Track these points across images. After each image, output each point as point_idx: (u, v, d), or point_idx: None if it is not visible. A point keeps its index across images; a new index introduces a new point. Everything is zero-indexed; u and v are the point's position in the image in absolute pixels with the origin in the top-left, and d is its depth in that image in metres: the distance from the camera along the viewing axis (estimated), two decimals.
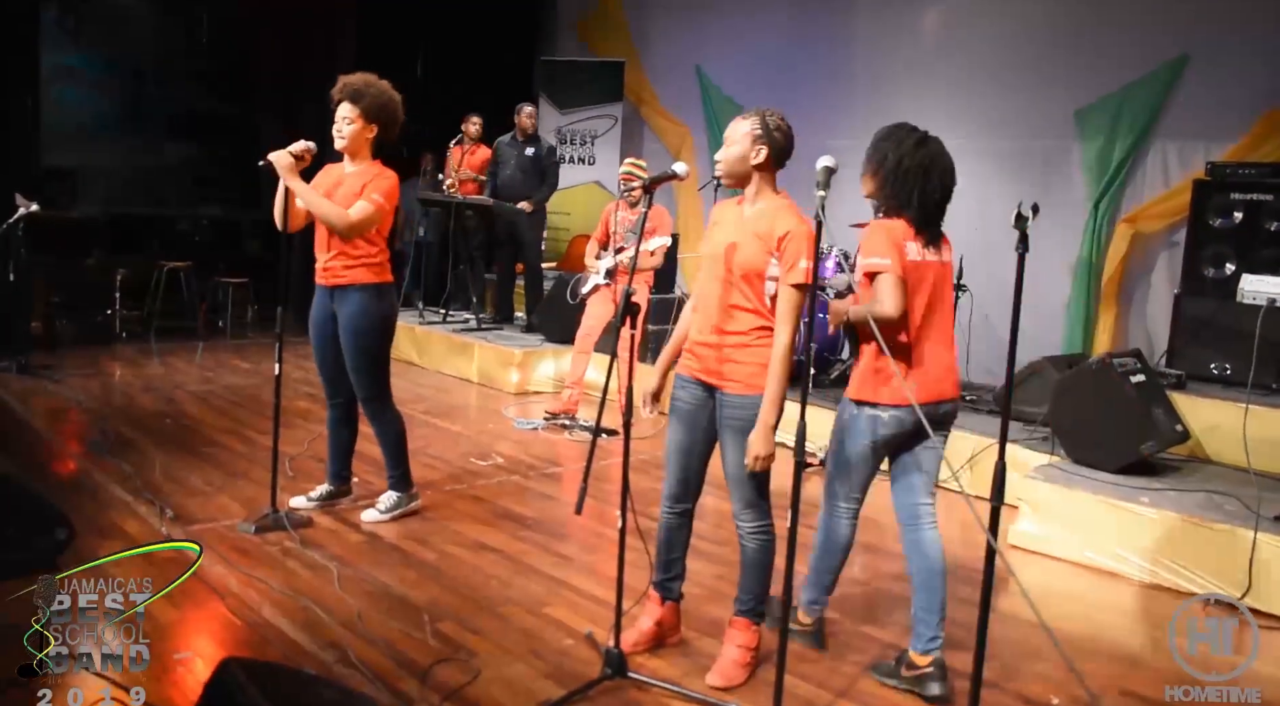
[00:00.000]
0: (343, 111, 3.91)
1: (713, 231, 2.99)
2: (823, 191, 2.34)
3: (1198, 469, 4.76)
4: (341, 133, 3.93)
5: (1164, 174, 6.61)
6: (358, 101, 3.90)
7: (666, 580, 3.15)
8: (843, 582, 3.86)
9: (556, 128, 9.98)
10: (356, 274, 3.97)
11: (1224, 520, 3.90)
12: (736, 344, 2.83)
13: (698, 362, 2.93)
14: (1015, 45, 7.13)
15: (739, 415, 2.82)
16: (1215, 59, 6.20)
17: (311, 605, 3.27)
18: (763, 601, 3.00)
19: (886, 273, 2.84)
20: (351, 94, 3.90)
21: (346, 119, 3.91)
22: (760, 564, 2.94)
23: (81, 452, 5.02)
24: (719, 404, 2.88)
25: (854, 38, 8.19)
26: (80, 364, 7.04)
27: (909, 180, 2.94)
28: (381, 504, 4.18)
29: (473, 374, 7.31)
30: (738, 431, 2.82)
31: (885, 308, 2.81)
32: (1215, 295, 5.49)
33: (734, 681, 2.93)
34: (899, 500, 3.09)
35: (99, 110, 8.82)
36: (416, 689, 2.79)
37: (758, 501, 2.89)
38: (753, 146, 2.84)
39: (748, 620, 2.99)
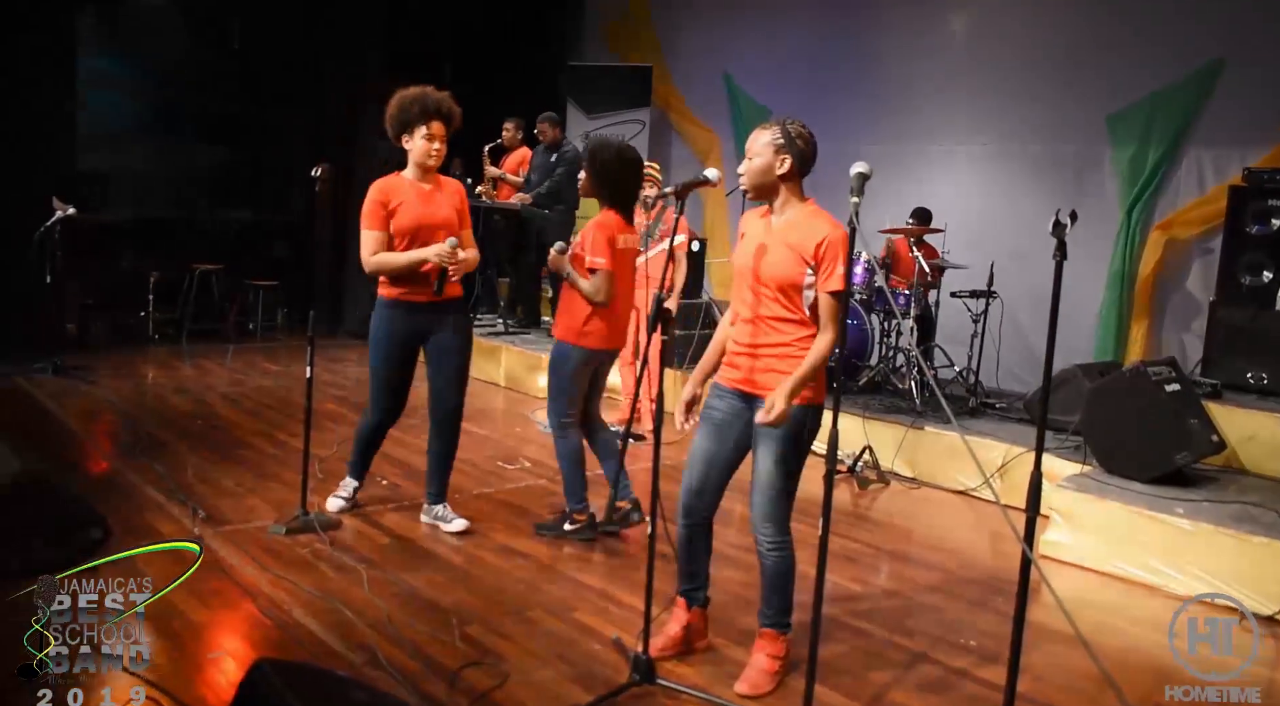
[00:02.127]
0: (439, 130, 3.88)
1: (743, 243, 2.97)
2: (857, 198, 2.32)
3: (1234, 480, 4.68)
4: (440, 152, 3.92)
5: (1199, 180, 6.52)
6: (449, 123, 3.92)
7: (691, 589, 3.15)
8: (872, 591, 3.86)
9: (584, 133, 10.00)
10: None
11: (1261, 533, 3.84)
12: (776, 355, 2.83)
13: (738, 373, 2.92)
14: (1046, 49, 7.07)
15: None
16: (1252, 63, 6.11)
17: (341, 607, 3.28)
18: (788, 613, 2.97)
19: (601, 270, 3.84)
20: (449, 115, 3.91)
21: (443, 138, 3.91)
22: (781, 577, 2.92)
23: (115, 453, 5.08)
24: (759, 411, 2.86)
25: (883, 43, 8.15)
26: (113, 365, 7.13)
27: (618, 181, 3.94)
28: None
29: (500, 377, 7.34)
30: (774, 439, 2.80)
31: (599, 298, 3.89)
32: (1252, 303, 5.41)
33: (762, 690, 2.92)
34: (592, 407, 4.21)
35: (133, 114, 8.93)
36: (445, 691, 2.80)
37: (779, 516, 2.86)
38: (776, 157, 2.82)
39: (775, 631, 2.98)
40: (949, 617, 3.61)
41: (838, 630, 3.40)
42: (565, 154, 7.77)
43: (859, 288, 6.36)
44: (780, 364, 2.81)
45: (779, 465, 2.81)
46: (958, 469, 5.24)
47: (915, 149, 7.83)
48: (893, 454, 5.44)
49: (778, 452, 2.80)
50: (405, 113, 3.85)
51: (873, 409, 5.73)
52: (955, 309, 6.36)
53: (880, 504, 5.09)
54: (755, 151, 2.84)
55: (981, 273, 6.09)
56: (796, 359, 2.77)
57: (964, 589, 3.92)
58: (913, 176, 7.62)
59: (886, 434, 5.49)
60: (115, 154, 8.73)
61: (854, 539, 4.42)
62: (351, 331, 9.03)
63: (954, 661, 3.23)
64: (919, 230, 6.52)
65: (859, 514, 4.89)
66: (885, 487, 5.32)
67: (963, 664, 3.21)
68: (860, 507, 5.00)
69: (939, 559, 4.27)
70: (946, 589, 3.91)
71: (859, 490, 5.22)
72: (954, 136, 7.71)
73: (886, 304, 6.29)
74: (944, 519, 4.91)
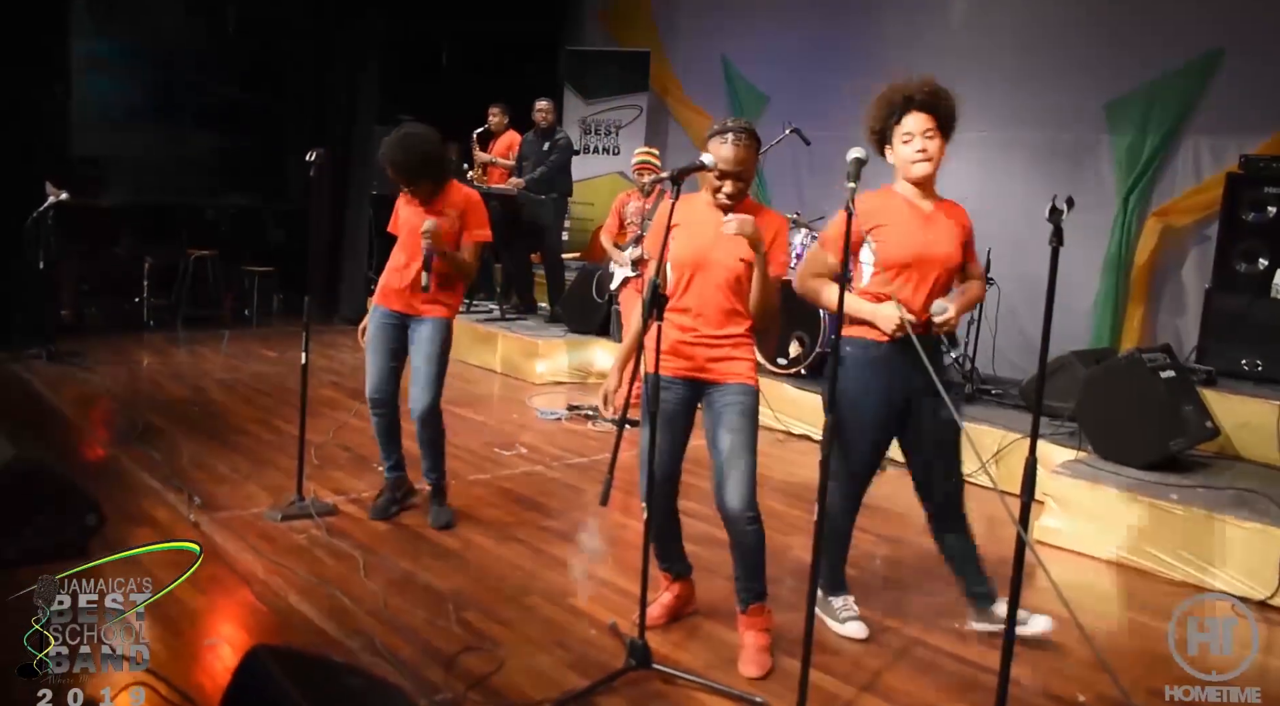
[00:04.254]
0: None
1: (690, 233, 2.93)
2: (853, 183, 2.32)
3: (1228, 466, 4.69)
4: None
5: (1196, 167, 6.51)
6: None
7: (670, 566, 3.25)
8: (865, 575, 3.87)
9: (581, 118, 9.98)
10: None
11: (1254, 518, 3.85)
12: (737, 343, 2.95)
13: (687, 362, 2.95)
14: (1045, 35, 7.04)
15: (740, 399, 2.92)
16: (1250, 52, 6.09)
17: (338, 593, 3.29)
18: (765, 581, 3.03)
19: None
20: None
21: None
22: (761, 549, 2.97)
23: (110, 439, 5.08)
24: (716, 395, 2.95)
25: (881, 29, 8.11)
26: (109, 351, 7.11)
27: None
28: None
29: (496, 364, 7.33)
30: (742, 416, 2.89)
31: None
32: (1247, 290, 5.41)
33: (768, 667, 2.95)
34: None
35: (127, 99, 8.88)
36: (442, 677, 2.80)
37: (753, 492, 2.90)
38: (755, 162, 2.96)
39: (760, 604, 3.03)
40: (944, 602, 3.62)
41: None
42: (559, 141, 7.75)
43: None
44: (737, 352, 2.93)
45: (750, 449, 2.89)
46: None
47: None
48: None
49: (749, 436, 2.89)
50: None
51: None
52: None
53: (876, 489, 5.05)
54: (743, 160, 2.89)
55: (979, 258, 6.08)
56: (748, 347, 2.96)
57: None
58: None
59: None
60: (110, 139, 8.68)
61: None
62: (347, 318, 9.01)
63: (948, 645, 3.25)
64: None
65: None
66: (881, 473, 5.28)
67: (957, 647, 3.23)
68: None
69: (934, 544, 4.27)
70: (941, 573, 3.91)
71: None
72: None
73: None
74: None
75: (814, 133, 6.35)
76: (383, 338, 3.99)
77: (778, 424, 5.89)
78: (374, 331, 4.01)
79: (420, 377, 3.91)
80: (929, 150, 2.91)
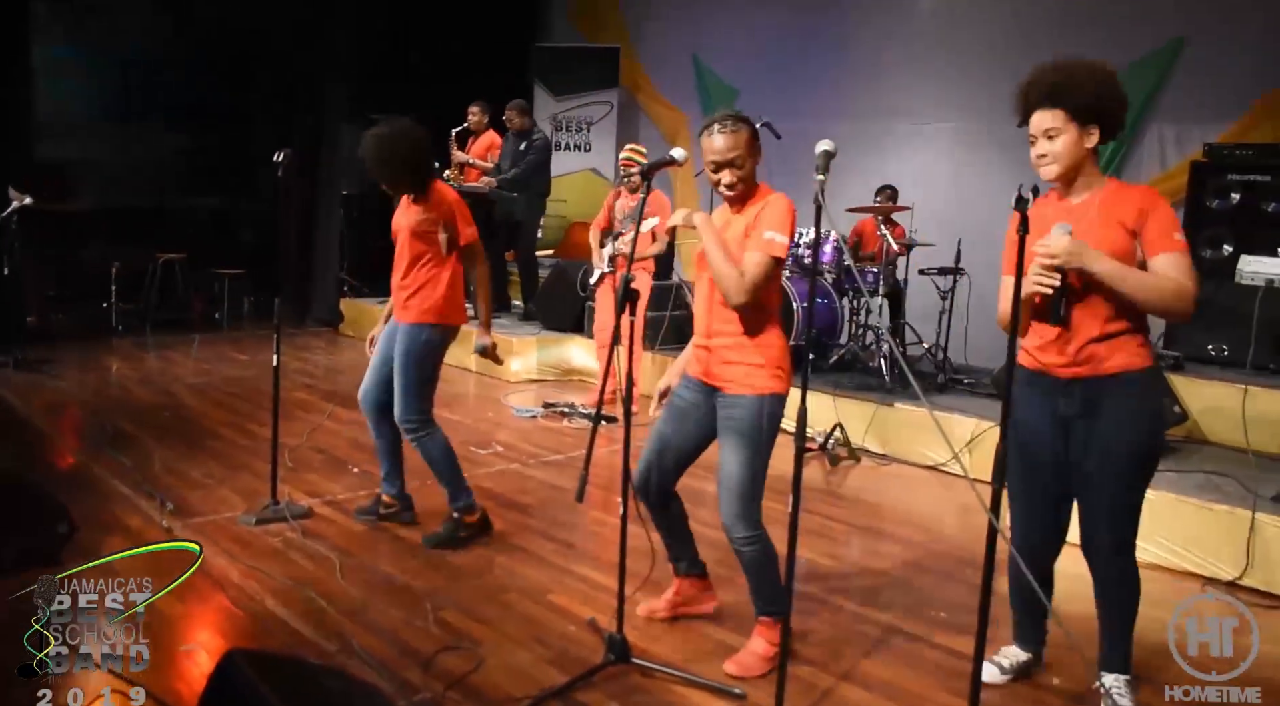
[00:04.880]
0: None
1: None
2: (822, 176, 2.32)
3: (1196, 450, 4.77)
4: None
5: (1161, 156, 6.61)
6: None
7: (672, 559, 3.23)
8: (843, 566, 3.89)
9: (552, 115, 9.95)
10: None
11: (1222, 500, 3.92)
12: (729, 345, 2.83)
13: (699, 365, 2.94)
14: (1012, 27, 7.10)
15: (737, 415, 2.80)
16: (1212, 41, 6.19)
17: (314, 595, 3.27)
18: (777, 600, 2.90)
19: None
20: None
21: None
22: (760, 568, 2.89)
23: (80, 447, 5.02)
24: (718, 406, 2.87)
25: (851, 22, 8.16)
26: (77, 358, 7.02)
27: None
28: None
29: (471, 362, 7.31)
30: (737, 434, 2.80)
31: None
32: (1213, 276, 5.47)
33: (752, 672, 2.90)
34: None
35: (91, 102, 8.77)
36: (420, 677, 2.80)
37: (748, 514, 2.82)
38: (757, 155, 2.85)
39: (771, 618, 2.95)
40: (920, 590, 3.66)
41: (810, 605, 3.43)
42: (535, 141, 7.72)
43: (827, 266, 6.38)
44: (730, 354, 2.83)
45: (744, 467, 2.79)
46: (927, 444, 5.29)
47: (883, 127, 7.85)
48: (863, 431, 5.49)
49: (743, 453, 2.78)
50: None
51: (843, 386, 5.77)
52: (924, 286, 6.41)
53: (851, 480, 5.14)
54: (737, 148, 2.77)
55: (949, 250, 6.13)
56: (744, 349, 2.80)
57: (934, 562, 3.97)
58: (881, 155, 7.65)
59: (857, 411, 5.53)
60: (75, 142, 8.58)
61: (825, 515, 4.46)
62: (320, 319, 8.95)
63: (925, 633, 3.28)
64: (887, 209, 6.55)
65: (830, 490, 4.93)
66: (856, 464, 5.36)
67: (933, 635, 3.25)
68: (831, 484, 5.04)
69: (909, 533, 4.32)
70: (917, 562, 3.96)
71: (830, 467, 5.26)
72: (921, 115, 7.74)
73: (855, 283, 6.32)
74: (914, 494, 4.96)
75: (785, 126, 6.37)
76: (381, 341, 3.93)
77: None
78: (380, 336, 3.97)
79: (394, 387, 3.80)
80: (1049, 153, 2.55)
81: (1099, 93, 2.54)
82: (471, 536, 3.87)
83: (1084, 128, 2.53)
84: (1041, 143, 2.58)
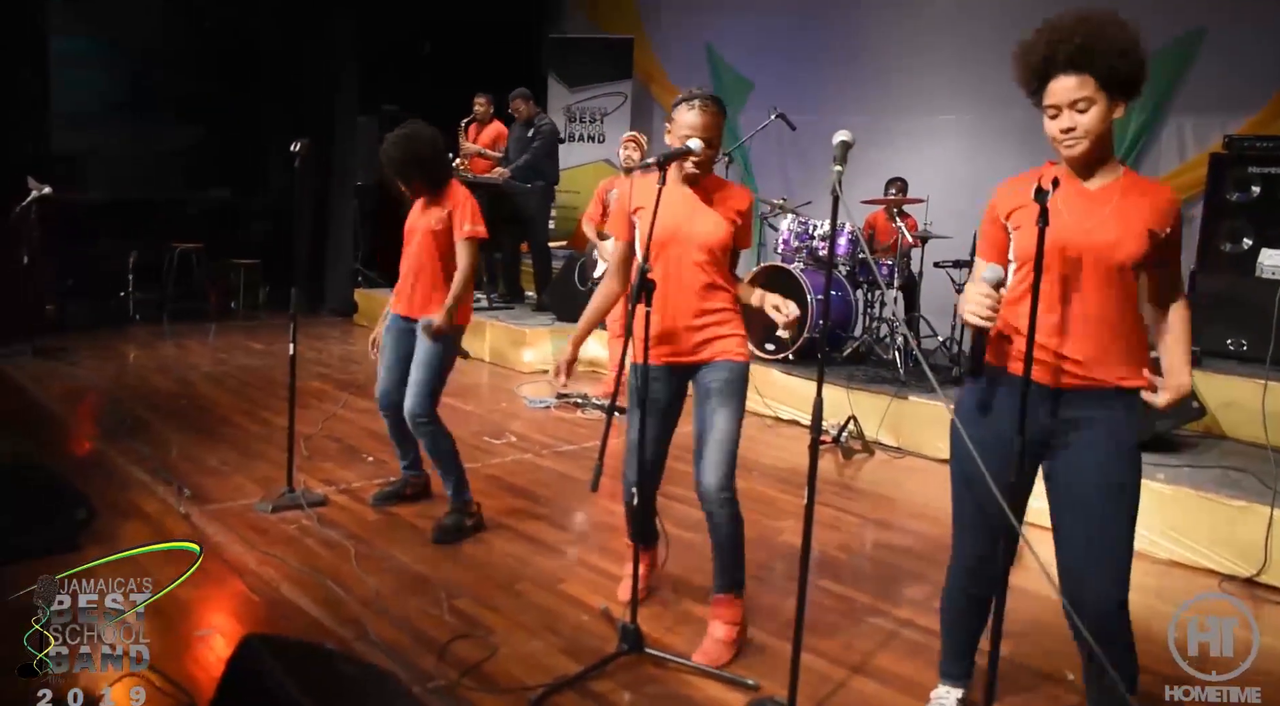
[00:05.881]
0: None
1: (660, 213, 2.71)
2: (839, 166, 2.30)
3: (1214, 445, 4.74)
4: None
5: (1179, 148, 6.54)
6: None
7: (640, 539, 3.12)
8: (856, 558, 3.89)
9: (565, 106, 9.94)
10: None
11: (1240, 496, 3.89)
12: (721, 320, 2.89)
13: (671, 348, 2.90)
14: (1027, 16, 7.02)
15: (731, 377, 2.87)
16: (1232, 32, 6.13)
17: (329, 583, 3.29)
18: (743, 571, 2.96)
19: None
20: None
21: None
22: (738, 537, 2.91)
23: (98, 434, 5.06)
24: (703, 374, 2.90)
25: (865, 13, 8.11)
26: (94, 346, 7.07)
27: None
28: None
29: (485, 353, 7.33)
30: (730, 396, 2.85)
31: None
32: (1232, 270, 5.44)
33: (722, 661, 2.90)
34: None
35: (107, 94, 8.81)
36: (434, 665, 2.81)
37: (733, 470, 2.86)
38: (721, 131, 2.91)
39: (732, 595, 2.96)
40: (934, 584, 3.64)
41: (823, 597, 3.43)
42: (542, 127, 7.73)
43: (842, 258, 6.36)
44: (724, 328, 2.89)
45: (737, 425, 2.86)
46: (941, 437, 5.26)
47: (898, 119, 7.81)
48: (877, 424, 5.47)
49: (737, 413, 2.85)
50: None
51: (857, 379, 5.75)
52: (939, 279, 6.38)
53: (865, 473, 5.13)
54: (710, 127, 2.80)
55: (965, 242, 6.09)
56: (734, 322, 2.91)
57: (948, 555, 3.94)
58: (894, 147, 7.60)
59: (871, 404, 5.51)
60: (92, 134, 8.62)
61: (839, 508, 4.45)
62: (334, 309, 8.98)
63: (938, 627, 3.26)
64: (901, 201, 6.52)
65: (844, 483, 4.92)
66: (870, 457, 5.35)
67: None
68: (845, 477, 5.03)
69: (923, 526, 4.30)
70: (930, 556, 3.94)
71: (843, 460, 5.25)
72: (937, 105, 7.70)
73: (870, 274, 6.30)
74: (928, 487, 4.94)
75: (799, 117, 6.34)
76: (390, 341, 3.95)
77: (766, 409, 5.91)
78: (385, 336, 3.98)
79: (410, 381, 3.81)
80: (1079, 127, 2.20)
81: (1134, 59, 2.20)
82: (476, 525, 3.91)
83: (1113, 100, 2.20)
84: (1067, 115, 2.22)
